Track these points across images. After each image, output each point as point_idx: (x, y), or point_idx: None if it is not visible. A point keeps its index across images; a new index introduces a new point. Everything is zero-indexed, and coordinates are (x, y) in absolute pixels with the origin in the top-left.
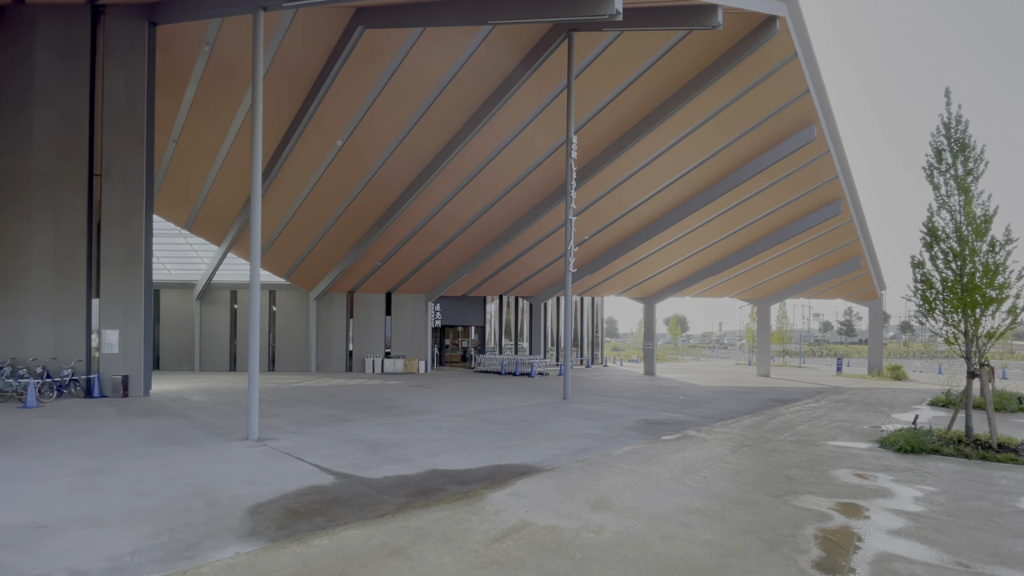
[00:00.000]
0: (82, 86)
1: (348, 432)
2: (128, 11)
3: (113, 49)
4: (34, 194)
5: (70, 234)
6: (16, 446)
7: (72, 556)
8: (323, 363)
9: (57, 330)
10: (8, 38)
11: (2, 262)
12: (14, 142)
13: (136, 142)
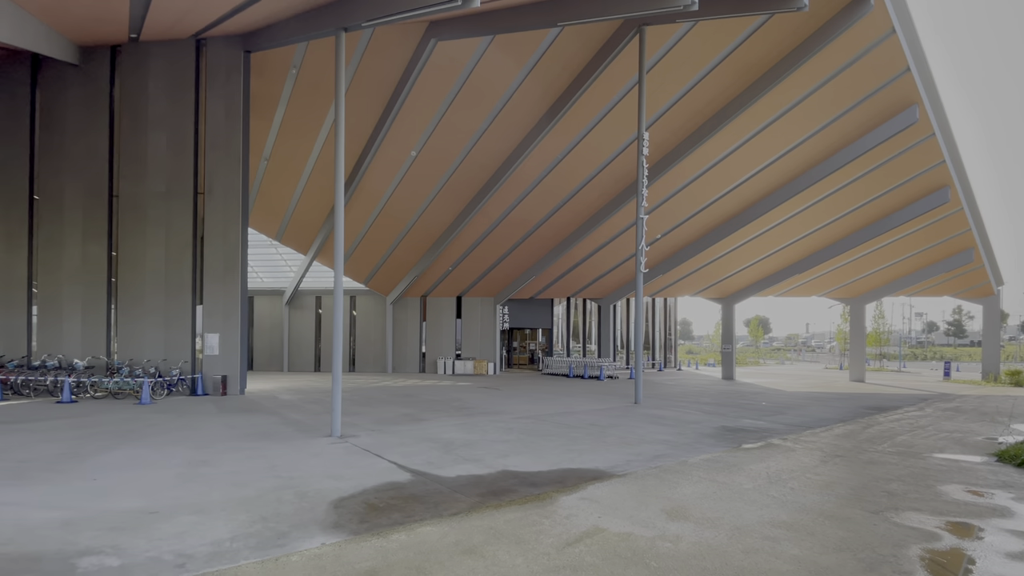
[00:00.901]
0: (188, 113)
1: (423, 431)
2: (226, 42)
3: (214, 77)
4: (148, 213)
5: (178, 247)
6: (133, 438)
7: (179, 540)
8: (398, 364)
9: (167, 334)
10: (126, 72)
11: (123, 274)
12: (131, 166)
13: (234, 162)
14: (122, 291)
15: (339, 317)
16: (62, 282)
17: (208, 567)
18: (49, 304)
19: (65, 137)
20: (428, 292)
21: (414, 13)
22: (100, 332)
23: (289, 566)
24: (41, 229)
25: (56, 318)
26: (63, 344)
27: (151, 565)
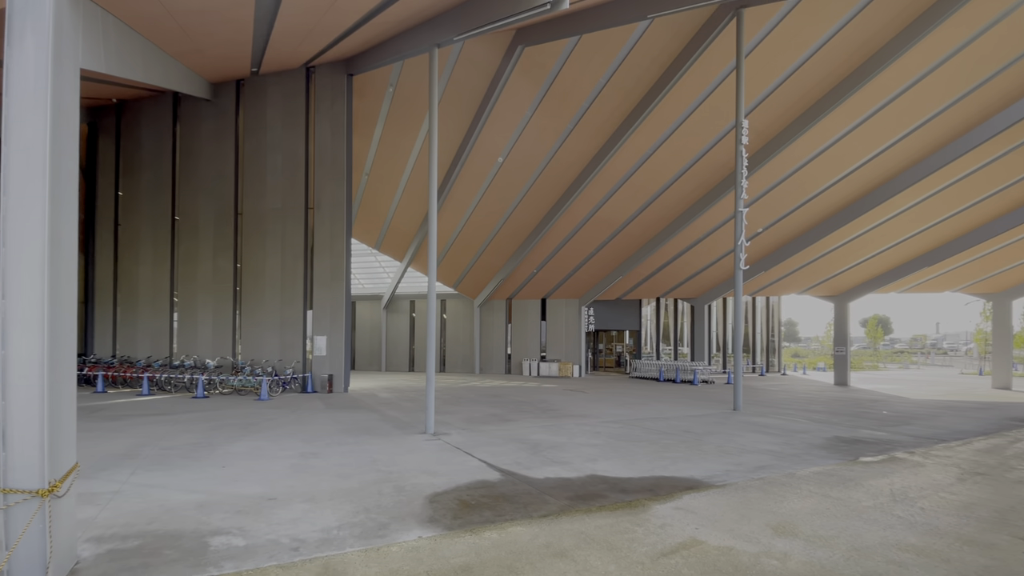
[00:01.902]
0: (299, 135)
1: (510, 431)
2: (331, 68)
3: (321, 101)
4: (267, 227)
5: (292, 258)
6: (254, 431)
7: (294, 525)
8: (485, 365)
9: (282, 337)
10: (248, 102)
11: (246, 283)
12: (253, 187)
13: (339, 179)
14: (245, 299)
15: (432, 322)
16: (197, 292)
17: (318, 552)
18: (186, 311)
19: (200, 163)
20: (513, 295)
21: (504, 22)
22: (227, 335)
23: (389, 556)
24: (180, 245)
25: (192, 323)
26: (197, 346)
27: (270, 547)
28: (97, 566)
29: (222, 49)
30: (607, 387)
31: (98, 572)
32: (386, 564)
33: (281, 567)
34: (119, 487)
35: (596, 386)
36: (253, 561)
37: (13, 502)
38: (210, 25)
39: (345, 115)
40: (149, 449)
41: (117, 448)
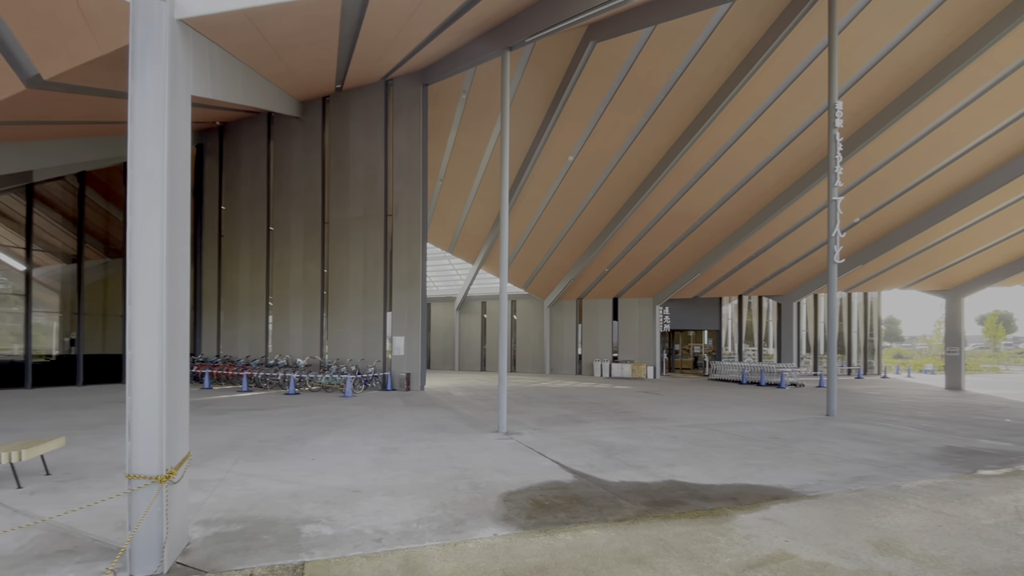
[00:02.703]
0: (379, 146)
1: (583, 433)
2: (408, 79)
3: (398, 112)
4: (350, 234)
5: (373, 263)
6: (339, 426)
7: (376, 517)
8: (555, 366)
9: (364, 337)
10: (332, 117)
11: (332, 287)
12: (338, 196)
13: (415, 186)
14: (331, 302)
15: (504, 322)
16: (289, 296)
17: (399, 544)
18: (280, 314)
19: (291, 177)
20: (584, 294)
21: (575, 19)
22: (315, 336)
23: (466, 552)
24: (274, 253)
25: (284, 325)
26: (289, 346)
27: (355, 537)
28: (205, 547)
29: (310, 68)
30: (684, 389)
31: (206, 553)
32: (463, 560)
33: (365, 557)
34: (223, 475)
35: (672, 388)
36: (340, 550)
37: (136, 487)
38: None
39: (421, 124)
40: (248, 441)
41: (221, 440)
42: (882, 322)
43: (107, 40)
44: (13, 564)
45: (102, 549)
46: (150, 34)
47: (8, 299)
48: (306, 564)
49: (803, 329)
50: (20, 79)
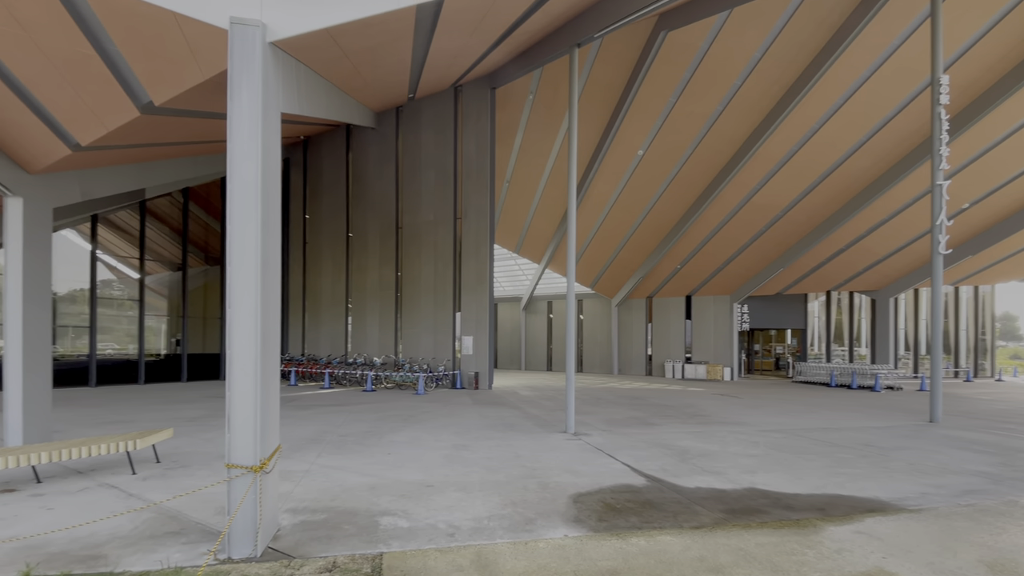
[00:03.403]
0: (449, 151)
1: (654, 436)
2: (476, 84)
3: (467, 117)
4: (422, 238)
5: (443, 265)
6: (412, 423)
7: (449, 512)
8: (624, 366)
9: (435, 337)
10: (405, 126)
11: (405, 290)
12: (410, 202)
13: (483, 188)
14: (404, 303)
15: (571, 321)
16: (366, 299)
17: (471, 540)
18: (358, 315)
19: (367, 185)
20: (654, 293)
21: (647, 10)
22: (390, 336)
23: (537, 551)
24: (353, 259)
25: (362, 326)
26: (367, 346)
27: (429, 531)
28: (293, 534)
29: (385, 80)
30: (765, 392)
31: (294, 540)
32: (534, 559)
33: (439, 551)
34: (308, 467)
35: (751, 391)
36: (415, 542)
37: (234, 475)
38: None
39: (489, 127)
40: (330, 435)
41: (306, 433)
42: (996, 319)
43: (208, 66)
44: (128, 543)
45: (204, 532)
46: (245, 58)
47: (125, 304)
48: (384, 555)
49: (901, 327)
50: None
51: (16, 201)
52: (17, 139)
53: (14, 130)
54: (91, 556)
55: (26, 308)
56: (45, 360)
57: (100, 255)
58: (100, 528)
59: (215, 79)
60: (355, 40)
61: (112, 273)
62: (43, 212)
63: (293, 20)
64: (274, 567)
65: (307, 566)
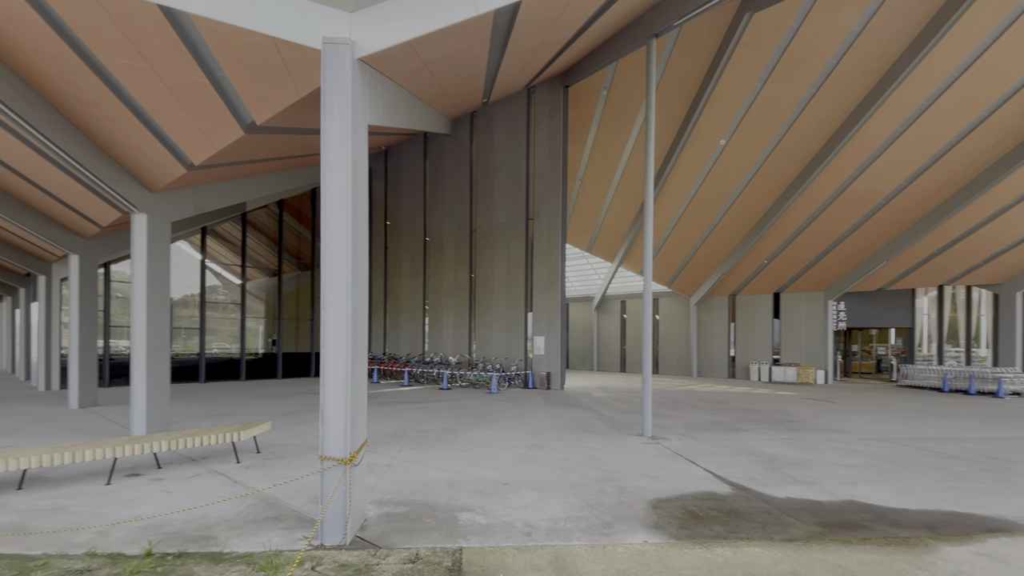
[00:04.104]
0: (521, 153)
1: (739, 442)
2: (548, 84)
3: (539, 117)
4: (495, 240)
5: (515, 266)
6: (487, 421)
7: (525, 511)
8: (704, 368)
9: (507, 337)
10: (479, 130)
11: (478, 291)
12: (483, 205)
13: (555, 188)
14: (478, 304)
15: (648, 321)
16: (442, 300)
17: (548, 540)
18: (434, 316)
19: (443, 190)
20: (738, 290)
21: None
22: (464, 336)
23: (615, 556)
24: (430, 261)
25: (438, 326)
26: (442, 345)
27: (506, 528)
28: (378, 525)
29: (462, 87)
30: (864, 397)
31: (379, 530)
32: (612, 563)
33: (517, 549)
34: (391, 461)
35: (848, 395)
36: (493, 539)
37: (327, 467)
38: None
39: (561, 126)
40: (410, 431)
41: (388, 429)
42: None
43: (303, 85)
44: (234, 527)
45: (299, 519)
46: (336, 75)
47: (228, 308)
48: (463, 549)
49: None
50: (240, 126)
51: (141, 217)
52: (142, 162)
53: (140, 154)
54: (203, 536)
55: (150, 312)
56: (165, 359)
57: (208, 263)
58: (210, 511)
59: (309, 97)
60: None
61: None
62: (163, 226)
63: (379, 35)
64: (362, 555)
65: (392, 556)
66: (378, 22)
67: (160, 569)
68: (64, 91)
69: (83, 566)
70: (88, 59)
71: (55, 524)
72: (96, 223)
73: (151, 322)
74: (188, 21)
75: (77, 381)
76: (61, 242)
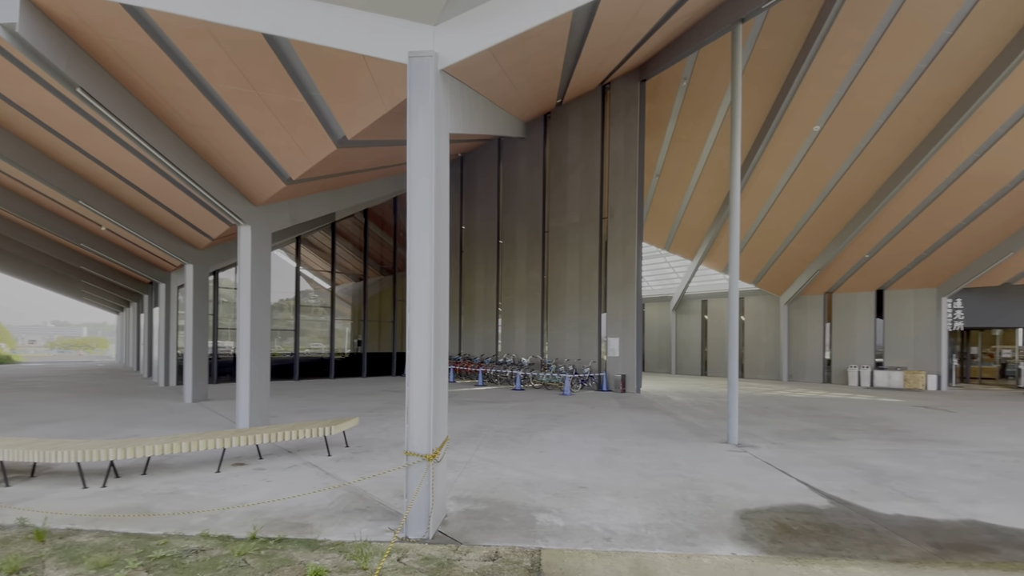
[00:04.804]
0: (595, 151)
1: (837, 452)
2: (625, 79)
3: (615, 114)
4: (567, 240)
5: (588, 266)
6: (561, 423)
7: (604, 516)
8: (795, 372)
9: (580, 338)
10: (552, 131)
11: (551, 292)
12: (556, 205)
13: (630, 185)
14: (550, 305)
15: (734, 321)
16: (514, 301)
17: (628, 547)
18: (507, 317)
19: (516, 193)
20: (834, 287)
21: None
22: (536, 337)
23: (701, 567)
24: (503, 263)
25: (511, 327)
26: (515, 346)
27: (584, 532)
28: (458, 521)
29: (537, 90)
30: (986, 405)
31: (460, 527)
32: (697, 574)
33: (596, 554)
34: (469, 459)
35: (967, 402)
36: (571, 542)
37: (411, 462)
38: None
39: (638, 122)
40: (486, 430)
41: (465, 427)
42: None
43: (389, 99)
44: (326, 516)
45: (385, 511)
46: (421, 87)
47: (318, 311)
48: (542, 550)
49: None
50: (332, 141)
51: (246, 229)
52: (247, 178)
53: (245, 171)
54: (299, 524)
55: (253, 316)
56: (265, 359)
57: (302, 270)
58: (305, 501)
59: (394, 110)
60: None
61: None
62: (265, 237)
63: (461, 45)
64: (444, 550)
65: (472, 552)
66: (460, 32)
67: (263, 552)
68: (182, 117)
69: (197, 546)
70: (203, 87)
71: (173, 507)
72: (207, 235)
73: (254, 325)
74: (288, 46)
75: (191, 378)
76: (179, 253)
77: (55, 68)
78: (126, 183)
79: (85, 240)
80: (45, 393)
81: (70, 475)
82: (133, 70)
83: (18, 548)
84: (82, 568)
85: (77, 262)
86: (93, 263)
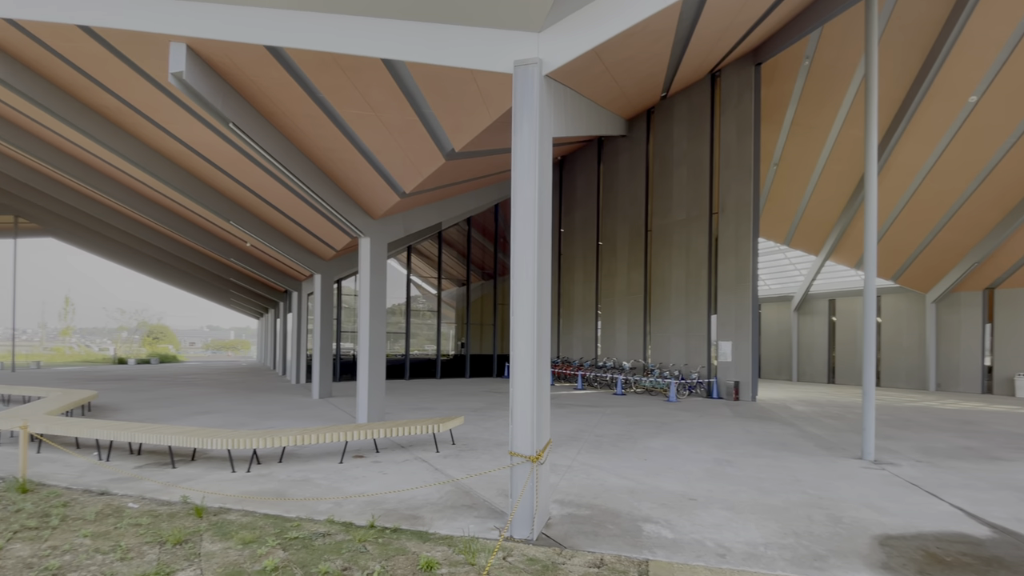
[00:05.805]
0: (704, 142)
1: (1001, 474)
2: (736, 65)
3: (726, 102)
4: (673, 239)
5: (696, 265)
6: (667, 430)
7: (717, 531)
8: (945, 380)
9: (687, 342)
10: (656, 127)
11: (654, 293)
12: (660, 203)
13: (744, 176)
14: (653, 307)
15: (871, 323)
16: (615, 303)
17: (746, 566)
18: (607, 320)
19: (617, 193)
20: (997, 282)
21: None
22: (638, 340)
23: None
24: (602, 265)
25: (611, 330)
26: (616, 349)
27: (696, 546)
28: (562, 525)
29: (641, 86)
30: None
31: (563, 531)
32: None
33: (710, 570)
34: (570, 463)
35: None
36: (681, 556)
37: (516, 463)
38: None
39: (752, 109)
40: (587, 435)
41: (565, 431)
42: None
43: (494, 108)
44: (436, 510)
45: (489, 509)
46: (526, 95)
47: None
48: (650, 562)
49: None
50: (442, 154)
51: (366, 240)
52: (366, 194)
53: (365, 187)
54: (412, 516)
55: (372, 320)
56: (382, 359)
57: (412, 277)
58: (417, 494)
59: (499, 119)
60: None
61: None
62: (381, 247)
63: (565, 49)
64: (549, 552)
65: (577, 558)
66: (564, 37)
67: (381, 540)
68: (312, 141)
69: (324, 530)
70: (330, 113)
71: (304, 493)
72: (332, 247)
73: (373, 329)
74: (404, 69)
75: (318, 377)
76: (308, 264)
77: (212, 107)
78: (266, 203)
79: (234, 255)
80: (202, 388)
81: (222, 460)
82: (272, 102)
83: (181, 523)
84: (231, 543)
85: (227, 274)
86: (239, 275)
